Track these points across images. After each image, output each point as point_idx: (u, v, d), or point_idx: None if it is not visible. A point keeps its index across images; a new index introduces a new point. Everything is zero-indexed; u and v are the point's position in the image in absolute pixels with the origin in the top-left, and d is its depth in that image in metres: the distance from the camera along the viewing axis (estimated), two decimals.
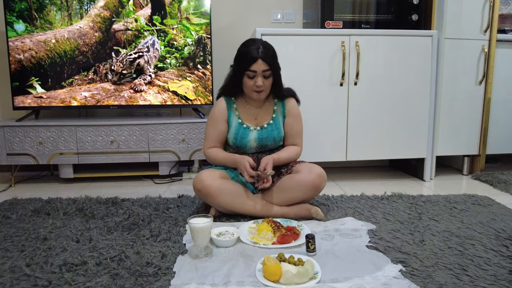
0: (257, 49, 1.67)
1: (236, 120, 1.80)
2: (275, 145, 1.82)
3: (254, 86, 1.70)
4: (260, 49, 1.67)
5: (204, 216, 1.37)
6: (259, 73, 1.68)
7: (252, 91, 1.72)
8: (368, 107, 2.32)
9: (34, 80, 2.38)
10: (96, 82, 2.43)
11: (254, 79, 1.69)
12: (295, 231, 1.48)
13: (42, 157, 2.35)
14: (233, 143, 1.80)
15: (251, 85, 1.70)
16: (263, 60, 1.66)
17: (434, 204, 1.87)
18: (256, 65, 1.66)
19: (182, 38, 2.45)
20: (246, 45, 1.72)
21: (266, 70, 1.68)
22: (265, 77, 1.70)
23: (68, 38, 2.36)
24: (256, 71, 1.67)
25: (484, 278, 1.17)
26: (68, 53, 2.38)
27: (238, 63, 1.72)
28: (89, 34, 2.38)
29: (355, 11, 2.32)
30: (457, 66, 2.40)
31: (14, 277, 1.19)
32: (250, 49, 1.67)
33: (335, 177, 2.54)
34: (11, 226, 1.63)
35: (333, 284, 1.13)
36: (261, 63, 1.66)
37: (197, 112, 2.56)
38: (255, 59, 1.65)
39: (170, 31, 2.43)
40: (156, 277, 1.18)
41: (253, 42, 1.71)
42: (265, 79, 1.70)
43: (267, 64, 1.67)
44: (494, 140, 2.56)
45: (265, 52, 1.67)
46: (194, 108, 2.58)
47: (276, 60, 1.74)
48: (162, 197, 2.02)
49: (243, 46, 1.74)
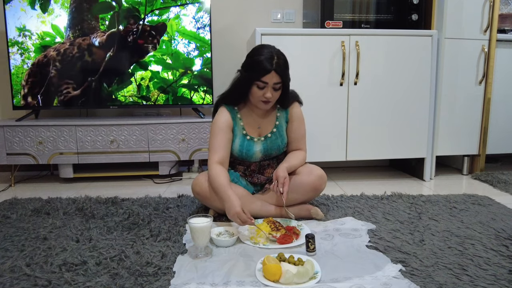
0: (271, 60, 1.57)
1: (241, 132, 1.73)
2: (279, 152, 1.79)
3: (262, 97, 1.62)
4: (275, 60, 1.57)
5: (204, 216, 1.37)
6: (270, 85, 1.59)
7: (259, 101, 1.64)
8: (368, 107, 2.32)
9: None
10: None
11: (264, 90, 1.60)
12: (295, 231, 1.48)
13: (42, 157, 2.35)
14: (238, 155, 1.75)
15: (260, 95, 1.61)
16: (276, 72, 1.57)
17: (434, 204, 1.87)
18: (268, 77, 1.57)
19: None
20: (259, 53, 1.60)
21: (277, 83, 1.60)
22: (275, 89, 1.62)
23: None
24: (267, 83, 1.58)
25: (484, 278, 1.17)
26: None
27: (249, 71, 1.61)
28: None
29: (355, 11, 2.32)
30: (457, 66, 2.41)
31: (14, 277, 1.19)
32: (264, 59, 1.57)
33: (335, 177, 2.54)
34: (11, 226, 1.63)
35: (333, 284, 1.13)
36: (274, 75, 1.57)
37: (197, 112, 2.56)
38: (268, 71, 1.56)
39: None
40: (156, 277, 1.18)
41: (267, 51, 1.59)
42: (274, 91, 1.62)
43: (279, 77, 1.58)
44: (494, 140, 2.56)
45: (278, 64, 1.58)
46: (194, 108, 2.58)
47: (288, 71, 1.64)
48: (162, 197, 2.02)
49: (256, 53, 1.62)
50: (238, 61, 1.80)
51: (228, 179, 1.61)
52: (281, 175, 1.59)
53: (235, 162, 1.81)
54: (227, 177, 1.61)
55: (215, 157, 1.64)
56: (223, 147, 1.67)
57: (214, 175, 1.59)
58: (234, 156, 1.78)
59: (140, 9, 2.40)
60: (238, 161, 1.80)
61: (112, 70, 2.45)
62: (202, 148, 2.43)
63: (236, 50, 2.72)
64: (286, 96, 1.71)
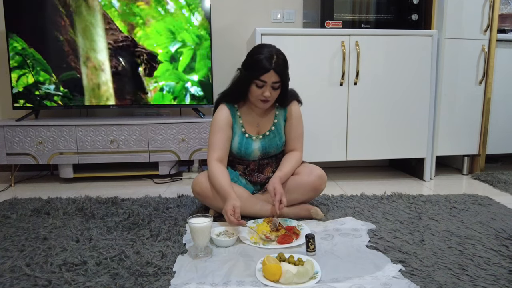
0: (270, 59, 1.57)
1: (240, 129, 1.75)
2: (277, 151, 1.80)
3: (260, 95, 1.63)
4: (274, 60, 1.58)
5: (204, 216, 1.37)
6: (269, 84, 1.60)
7: (258, 100, 1.65)
8: (368, 107, 2.32)
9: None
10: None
11: (263, 88, 1.61)
12: (295, 231, 1.48)
13: (42, 156, 2.35)
14: (237, 153, 1.76)
15: (258, 94, 1.62)
16: (275, 72, 1.57)
17: (434, 204, 1.87)
18: (267, 76, 1.58)
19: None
20: (259, 52, 1.60)
21: (276, 82, 1.61)
22: (273, 88, 1.62)
23: None
24: (266, 82, 1.59)
25: (484, 278, 1.17)
26: None
27: (248, 70, 1.62)
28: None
29: (355, 11, 2.32)
30: (457, 66, 2.41)
31: (14, 277, 1.19)
32: (263, 58, 1.57)
33: (335, 177, 2.54)
34: (11, 226, 1.63)
35: (333, 284, 1.13)
36: (273, 74, 1.58)
37: (197, 112, 2.56)
38: (267, 70, 1.57)
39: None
40: (156, 277, 1.18)
41: (267, 50, 1.60)
42: (273, 90, 1.63)
43: (278, 76, 1.59)
44: (494, 140, 2.56)
45: (278, 63, 1.58)
46: (194, 108, 2.58)
47: (287, 70, 1.65)
48: (162, 197, 2.02)
49: (255, 52, 1.62)
50: (238, 61, 1.80)
51: (229, 177, 1.62)
52: (277, 188, 1.57)
53: (235, 161, 1.81)
54: (227, 175, 1.63)
55: (214, 155, 1.66)
56: (222, 145, 1.68)
57: (215, 172, 1.61)
58: (233, 155, 1.78)
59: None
60: (238, 160, 1.80)
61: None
62: (202, 148, 2.43)
63: (236, 50, 2.72)
64: (285, 95, 1.72)
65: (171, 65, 2.47)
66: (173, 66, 2.48)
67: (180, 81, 2.49)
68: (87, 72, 2.41)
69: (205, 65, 2.48)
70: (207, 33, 2.45)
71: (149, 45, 2.43)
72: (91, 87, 2.43)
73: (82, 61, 2.40)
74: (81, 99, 2.44)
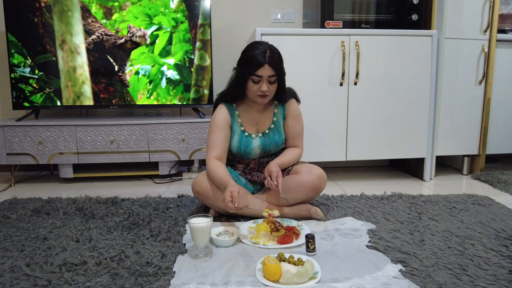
0: (264, 54, 1.60)
1: (239, 128, 1.75)
2: (277, 148, 1.80)
3: (258, 91, 1.64)
4: (267, 54, 1.60)
5: (204, 216, 1.37)
6: (265, 79, 1.62)
7: (256, 95, 1.67)
8: (368, 107, 2.32)
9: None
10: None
11: (259, 84, 1.63)
12: (295, 231, 1.48)
13: (42, 157, 2.35)
14: (237, 152, 1.76)
15: (256, 89, 1.64)
16: (269, 66, 1.59)
17: (434, 204, 1.87)
18: (262, 70, 1.60)
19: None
20: (252, 48, 1.64)
21: (272, 76, 1.62)
22: (270, 82, 1.64)
23: None
24: (262, 76, 1.61)
25: (484, 278, 1.17)
26: None
27: (243, 67, 1.64)
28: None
29: (355, 11, 2.32)
30: (457, 66, 2.40)
31: (14, 277, 1.19)
32: (257, 53, 1.60)
33: (335, 177, 2.54)
34: (11, 226, 1.63)
35: (333, 284, 1.13)
36: (268, 68, 1.60)
37: (197, 112, 2.56)
38: (262, 64, 1.59)
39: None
40: (156, 277, 1.18)
41: (260, 46, 1.63)
42: (270, 84, 1.64)
43: (273, 70, 1.61)
44: (494, 140, 2.56)
45: (272, 57, 1.60)
46: (194, 108, 2.59)
47: (282, 65, 1.67)
48: (162, 197, 2.02)
49: (249, 49, 1.66)
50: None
51: (227, 171, 1.64)
52: (273, 169, 1.63)
53: (234, 160, 1.81)
54: (226, 169, 1.65)
55: (213, 153, 1.68)
56: (221, 144, 1.70)
57: (213, 167, 1.63)
58: (233, 154, 1.79)
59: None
60: (238, 159, 1.80)
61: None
62: (202, 148, 2.43)
63: (236, 50, 2.71)
64: (283, 91, 1.74)
65: (147, 48, 2.45)
66: (149, 49, 2.45)
67: (156, 64, 2.47)
68: (63, 55, 2.38)
69: (181, 48, 2.46)
70: (183, 16, 2.43)
71: (124, 29, 2.41)
72: (66, 70, 2.40)
73: (58, 44, 2.37)
74: (57, 82, 2.41)
